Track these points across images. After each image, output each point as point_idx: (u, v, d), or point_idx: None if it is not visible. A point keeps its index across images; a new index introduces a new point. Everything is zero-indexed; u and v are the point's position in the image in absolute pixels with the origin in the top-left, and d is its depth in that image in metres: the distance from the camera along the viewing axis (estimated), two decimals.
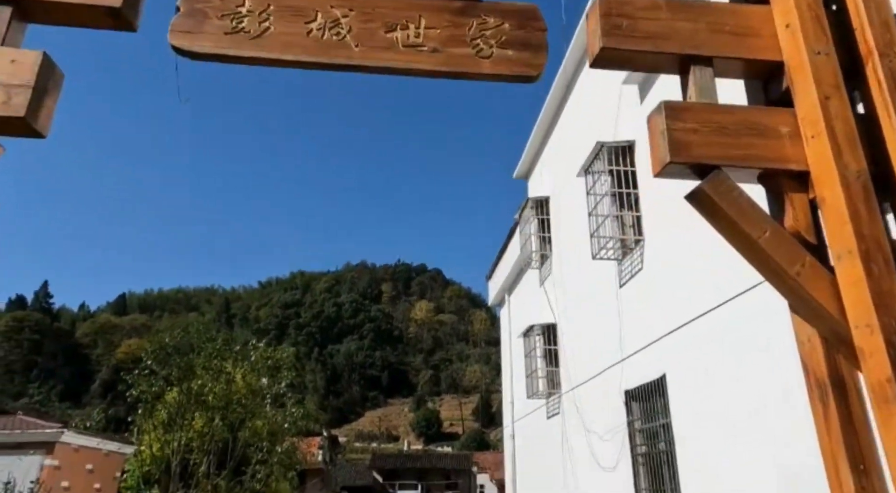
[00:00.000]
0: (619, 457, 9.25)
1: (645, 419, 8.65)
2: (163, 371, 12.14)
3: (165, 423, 11.94)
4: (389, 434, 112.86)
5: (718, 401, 6.76)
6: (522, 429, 15.80)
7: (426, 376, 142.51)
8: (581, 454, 11.11)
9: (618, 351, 9.40)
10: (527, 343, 13.92)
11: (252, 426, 12.07)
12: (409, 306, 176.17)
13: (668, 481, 7.79)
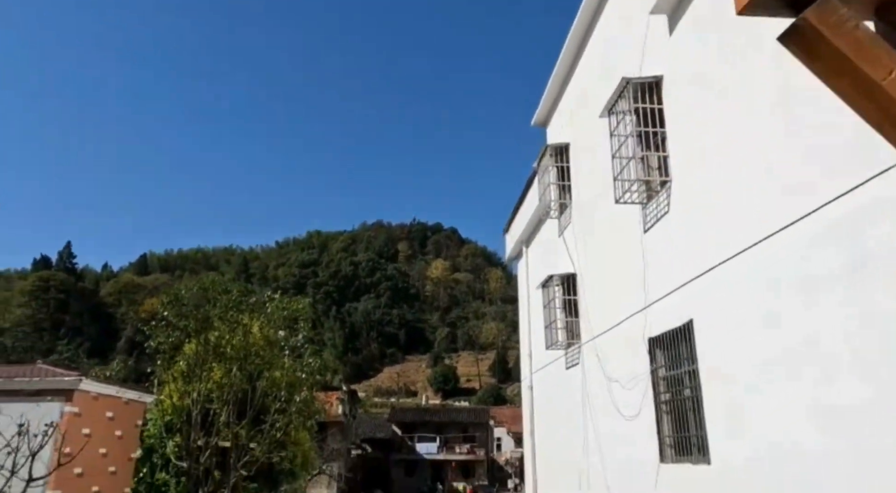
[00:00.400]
0: (642, 405, 9.06)
1: (669, 367, 8.40)
2: (180, 323, 12.10)
3: (185, 374, 11.96)
4: (407, 390, 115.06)
5: (749, 345, 6.47)
6: (541, 380, 15.71)
7: (443, 334, 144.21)
8: (601, 403, 10.96)
9: (641, 298, 9.10)
10: (545, 294, 13.67)
11: (270, 376, 12.06)
12: (425, 264, 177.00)
13: (693, 427, 7.58)
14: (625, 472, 9.78)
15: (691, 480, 7.44)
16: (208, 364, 11.34)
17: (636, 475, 9.21)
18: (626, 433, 9.72)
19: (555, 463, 14.15)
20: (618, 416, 10.04)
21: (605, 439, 10.75)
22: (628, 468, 9.63)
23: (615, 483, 10.13)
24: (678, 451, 8.05)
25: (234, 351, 11.81)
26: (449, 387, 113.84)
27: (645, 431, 9.00)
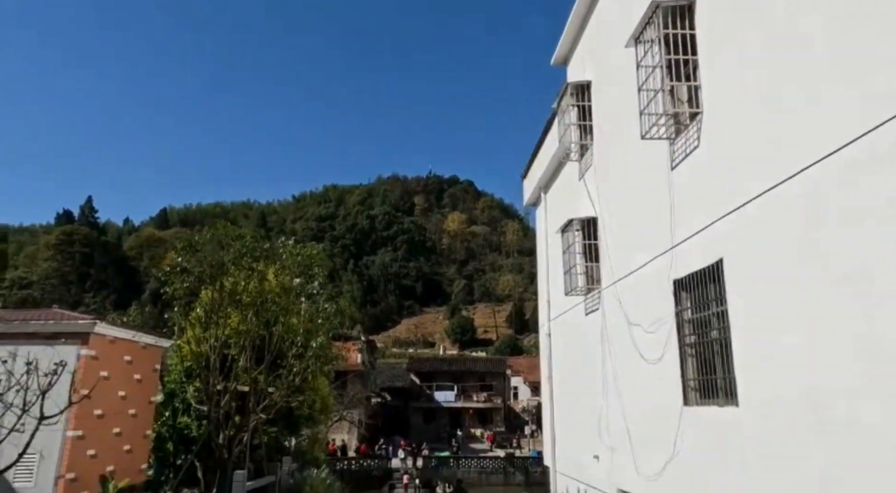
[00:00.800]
0: (665, 349, 8.80)
1: (695, 309, 8.09)
2: (195, 269, 12.00)
3: (202, 320, 11.92)
4: (425, 341, 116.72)
5: (784, 283, 6.11)
6: (559, 327, 15.53)
7: (460, 286, 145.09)
8: (622, 349, 10.74)
9: (667, 239, 8.71)
10: (564, 239, 13.30)
11: (286, 322, 11.99)
12: (441, 217, 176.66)
13: (720, 369, 7.32)
14: (646, 416, 9.62)
15: (717, 422, 7.22)
16: (224, 310, 11.26)
17: (657, 419, 9.04)
18: (648, 377, 9.51)
19: (573, 409, 14.10)
20: (639, 360, 9.82)
21: (626, 383, 10.57)
22: (649, 412, 9.46)
23: (635, 428, 10.00)
24: (703, 394, 7.82)
25: (249, 298, 11.71)
26: (466, 338, 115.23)
27: (667, 374, 8.78)
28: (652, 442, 9.30)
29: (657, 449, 9.05)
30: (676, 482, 8.36)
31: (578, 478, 13.41)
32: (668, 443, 8.59)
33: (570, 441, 14.29)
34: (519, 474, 37.35)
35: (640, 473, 9.63)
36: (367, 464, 36.27)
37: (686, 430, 8.07)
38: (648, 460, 9.36)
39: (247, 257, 11.58)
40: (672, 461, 8.43)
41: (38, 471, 8.39)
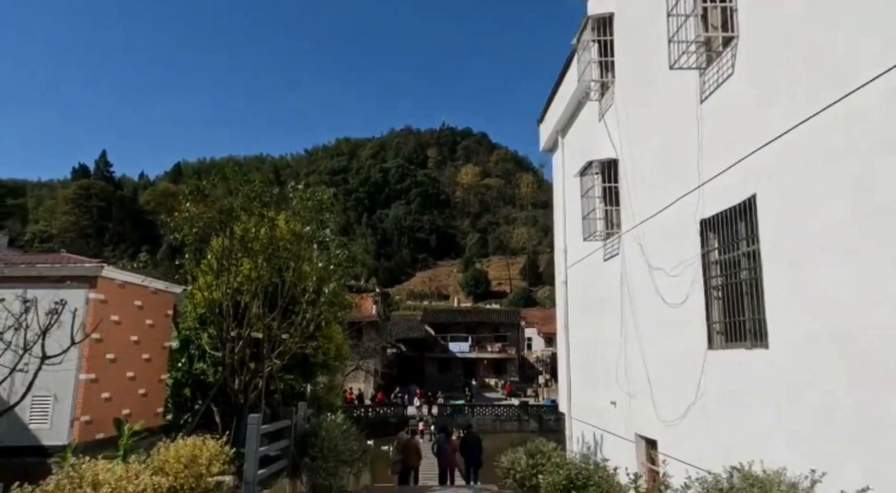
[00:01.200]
0: (690, 291, 8.47)
1: (723, 249, 7.71)
2: (204, 215, 11.74)
3: (214, 268, 11.73)
4: (439, 293, 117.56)
5: (821, 218, 5.70)
6: (576, 275, 15.22)
7: (474, 239, 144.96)
8: (643, 293, 10.43)
9: (694, 177, 8.26)
10: (583, 183, 12.84)
11: (298, 269, 11.78)
12: (455, 170, 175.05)
13: (749, 311, 6.99)
14: (667, 361, 9.38)
15: (745, 365, 6.95)
16: (234, 255, 11.05)
17: (680, 364, 8.80)
18: (670, 322, 9.23)
19: (590, 356, 13.94)
20: (660, 305, 9.52)
21: (646, 329, 10.31)
22: (671, 357, 9.22)
23: (656, 373, 9.79)
24: (729, 337, 7.53)
25: (260, 245, 11.46)
26: (480, 291, 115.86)
27: (691, 318, 8.48)
28: (673, 387, 9.09)
29: (678, 394, 8.85)
30: (698, 426, 8.17)
31: (594, 424, 13.37)
32: (690, 388, 8.37)
33: (586, 388, 14.19)
34: (533, 421, 37.94)
35: (660, 418, 9.47)
36: (383, 412, 37.02)
37: (710, 374, 7.83)
38: (669, 405, 9.18)
39: (256, 203, 11.28)
40: (694, 405, 8.23)
41: (53, 413, 8.43)
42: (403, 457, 15.37)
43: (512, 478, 11.26)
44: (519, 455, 11.39)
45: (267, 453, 10.07)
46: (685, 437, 8.59)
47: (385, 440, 27.70)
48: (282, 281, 11.80)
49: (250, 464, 8.46)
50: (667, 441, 9.28)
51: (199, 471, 5.68)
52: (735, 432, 7.07)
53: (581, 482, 8.33)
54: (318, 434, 10.51)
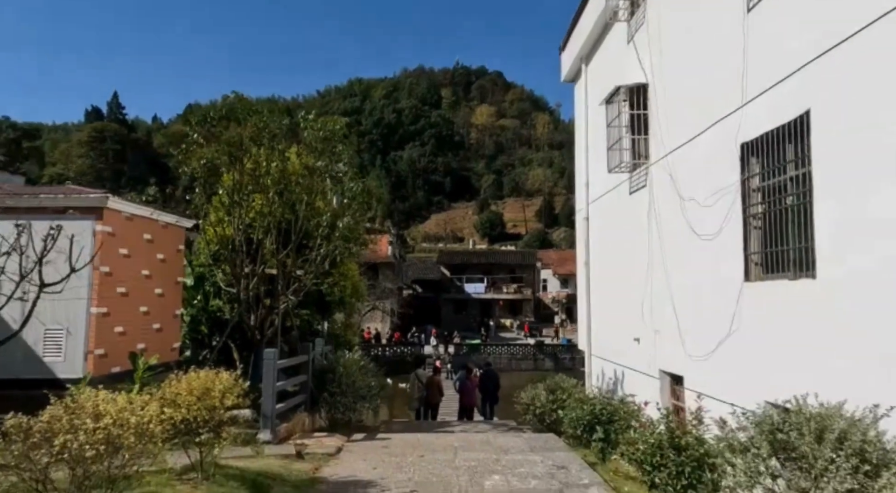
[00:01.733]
0: (725, 222, 7.95)
1: (767, 174, 7.13)
2: (211, 147, 11.27)
3: (227, 205, 11.36)
4: (454, 236, 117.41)
5: (885, 135, 5.09)
6: (599, 210, 14.68)
7: (489, 181, 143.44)
8: (672, 226, 9.92)
9: (736, 96, 7.59)
10: (609, 111, 12.11)
11: (312, 202, 11.38)
12: (469, 110, 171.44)
13: (794, 240, 6.49)
14: (697, 295, 8.97)
15: (787, 297, 6.50)
16: (246, 190, 10.65)
17: (711, 298, 8.39)
18: (701, 254, 8.76)
19: (612, 293, 13.57)
20: (691, 238, 9.02)
21: (674, 263, 9.86)
22: (701, 292, 8.80)
23: (684, 308, 9.39)
24: (768, 268, 7.07)
25: (272, 180, 11.02)
26: (495, 233, 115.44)
27: (725, 250, 8.00)
28: (702, 322, 8.72)
29: (708, 329, 8.48)
30: (730, 361, 7.84)
31: (615, 361, 13.16)
32: (722, 322, 7.99)
33: (608, 325, 13.92)
34: (548, 360, 38.27)
35: (687, 353, 9.15)
36: (400, 351, 37.51)
37: (745, 307, 7.42)
38: (697, 340, 8.84)
39: (266, 134, 10.77)
40: (726, 340, 7.86)
41: (66, 346, 8.32)
42: (426, 394, 15.42)
43: (531, 414, 11.14)
44: (539, 391, 11.23)
45: (285, 387, 9.98)
46: (715, 372, 8.28)
47: (402, 377, 28.05)
48: (295, 216, 11.43)
49: (267, 398, 8.34)
50: (694, 377, 8.99)
51: (212, 404, 5.46)
52: (773, 366, 6.71)
53: (605, 417, 8.11)
54: (335, 370, 10.38)
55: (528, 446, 8.36)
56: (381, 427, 13.04)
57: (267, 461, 7.05)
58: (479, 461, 7.43)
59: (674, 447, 5.50)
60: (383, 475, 6.73)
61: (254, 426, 8.52)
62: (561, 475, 6.76)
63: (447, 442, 8.73)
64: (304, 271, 11.80)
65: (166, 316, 10.40)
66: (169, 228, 10.94)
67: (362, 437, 9.24)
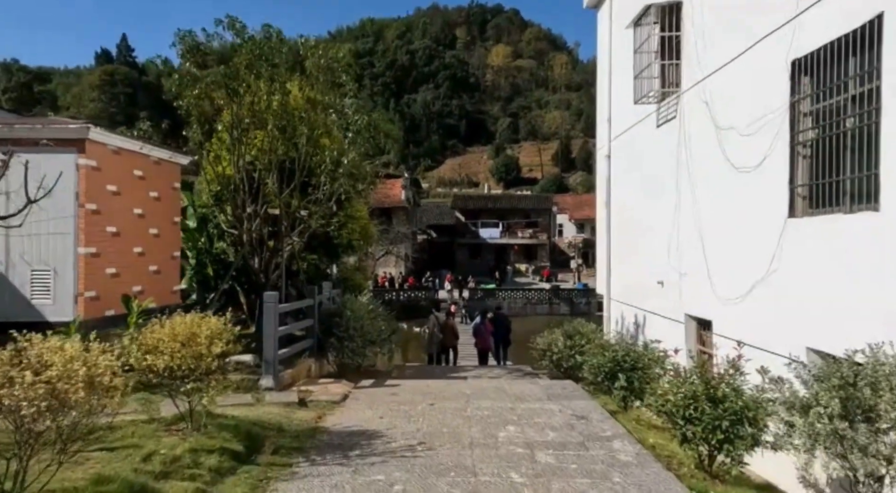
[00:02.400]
0: (768, 152, 7.13)
1: (821, 95, 6.25)
2: (206, 77, 10.51)
3: (227, 143, 10.66)
4: (469, 181, 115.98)
5: None
6: (621, 147, 13.78)
7: (504, 124, 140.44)
8: (705, 160, 9.09)
9: (789, 5, 6.61)
10: (637, 35, 11.05)
11: (315, 138, 10.65)
12: (485, 51, 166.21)
13: (852, 168, 5.70)
14: (731, 234, 8.24)
15: (841, 233, 5.77)
16: (243, 124, 9.93)
17: (748, 236, 7.67)
18: (738, 189, 7.98)
19: (634, 235, 12.85)
20: (727, 171, 8.21)
21: (706, 200, 9.08)
22: (736, 230, 8.06)
23: (716, 248, 8.68)
24: (817, 201, 6.31)
25: (273, 114, 10.27)
26: (511, 177, 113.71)
27: (767, 183, 7.22)
28: (736, 262, 8.03)
29: (743, 270, 7.80)
30: (766, 305, 7.18)
31: (636, 304, 12.57)
32: (759, 262, 7.30)
33: (629, 268, 13.27)
34: (564, 304, 37.93)
35: (717, 297, 8.50)
36: (414, 295, 37.35)
37: (787, 246, 6.70)
38: (730, 282, 8.17)
39: (263, 63, 9.94)
40: (764, 280, 7.19)
41: (55, 288, 7.88)
42: (442, 337, 15.11)
43: (548, 359, 10.67)
44: (556, 337, 10.72)
45: (290, 332, 9.56)
46: (748, 316, 7.66)
47: (416, 322, 27.90)
48: (298, 153, 10.73)
49: (268, 343, 7.90)
50: (724, 321, 8.37)
51: (198, 351, 4.95)
52: (820, 310, 6.04)
53: (628, 364, 7.56)
54: (342, 314, 9.91)
55: (545, 393, 7.88)
56: (393, 372, 12.72)
57: (267, 409, 6.64)
58: (493, 410, 6.96)
59: (710, 398, 4.93)
60: (390, 425, 6.29)
61: (256, 372, 8.12)
62: (581, 426, 6.26)
63: (459, 390, 8.28)
64: (308, 212, 11.20)
65: (164, 258, 9.89)
66: (162, 164, 10.28)
67: (370, 383, 8.83)
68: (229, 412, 6.25)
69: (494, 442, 5.64)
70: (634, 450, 5.48)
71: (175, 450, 4.60)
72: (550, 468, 4.94)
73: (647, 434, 6.76)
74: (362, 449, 5.44)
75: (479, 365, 15.20)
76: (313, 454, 5.27)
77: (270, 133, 9.95)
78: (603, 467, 5.00)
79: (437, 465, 5.00)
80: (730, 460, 4.97)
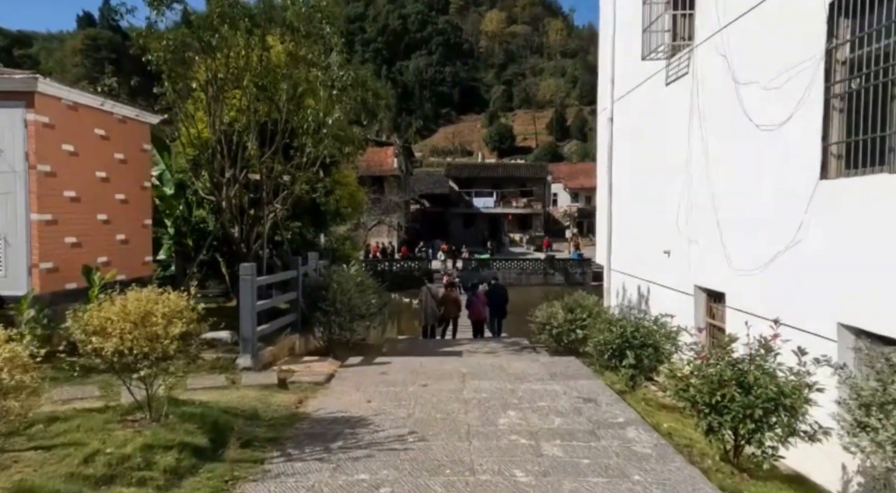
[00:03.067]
0: (797, 107, 6.41)
1: (862, 41, 5.51)
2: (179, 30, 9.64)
3: (205, 102, 9.81)
4: (463, 150, 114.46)
5: None
6: (625, 108, 13.00)
7: (498, 92, 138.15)
8: (721, 118, 8.36)
9: None
10: None
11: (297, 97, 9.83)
12: (479, 16, 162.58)
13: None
14: (750, 199, 7.57)
15: (883, 194, 5.10)
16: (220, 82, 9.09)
17: (770, 201, 7.01)
18: (759, 150, 7.28)
19: (638, 202, 12.17)
20: (746, 130, 7.49)
21: (723, 162, 8.38)
22: (756, 194, 7.39)
23: (732, 214, 8.01)
24: (854, 161, 5.63)
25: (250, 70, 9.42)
26: (505, 146, 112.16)
27: (794, 141, 6.53)
28: (755, 230, 7.38)
29: (763, 238, 7.16)
30: (790, 275, 6.56)
31: (639, 275, 11.97)
32: (783, 229, 6.64)
33: (632, 237, 12.62)
34: (559, 274, 37.43)
35: (732, 267, 7.87)
36: (407, 266, 36.71)
37: (817, 211, 6.04)
38: (748, 251, 7.54)
39: (238, 11, 9.05)
40: (789, 249, 6.54)
41: (5, 259, 7.12)
42: (444, 310, 14.59)
43: (547, 333, 10.07)
44: (556, 310, 10.11)
45: (274, 305, 8.91)
46: (768, 289, 7.04)
47: (410, 293, 27.33)
48: (280, 113, 9.93)
49: (246, 319, 7.24)
50: (740, 294, 7.77)
51: (153, 332, 4.27)
52: (857, 281, 5.41)
53: (638, 340, 6.95)
54: (329, 287, 9.24)
55: (547, 372, 7.29)
56: (385, 346, 12.13)
57: (242, 392, 6.01)
58: (492, 391, 6.36)
59: (740, 384, 4.32)
60: (378, 410, 5.68)
61: (235, 350, 7.47)
62: (589, 410, 5.67)
63: (454, 368, 7.68)
64: (291, 177, 10.44)
65: (133, 226, 9.10)
66: (128, 123, 9.41)
67: (359, 361, 8.21)
68: (198, 397, 5.61)
69: (494, 431, 5.04)
70: (651, 440, 4.89)
71: (125, 447, 3.96)
72: (559, 463, 4.34)
73: (660, 417, 6.20)
74: (346, 440, 4.83)
75: (475, 337, 14.65)
76: (290, 447, 4.66)
77: (248, 90, 9.12)
78: (619, 461, 4.41)
79: (430, 460, 4.39)
80: (761, 452, 4.38)
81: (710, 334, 9.38)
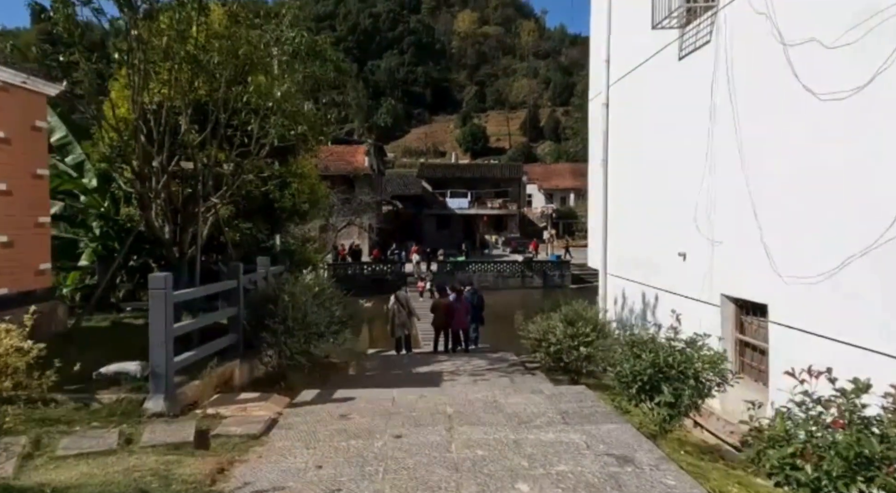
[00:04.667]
0: (884, 65, 4.88)
1: None
2: None
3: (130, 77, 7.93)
4: (436, 150, 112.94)
5: None
6: (624, 92, 11.46)
7: (471, 92, 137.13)
8: (761, 91, 6.84)
9: None
10: None
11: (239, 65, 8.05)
12: (450, 17, 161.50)
13: None
14: (803, 188, 6.03)
15: None
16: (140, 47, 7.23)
17: (844, 187, 5.48)
18: (821, 124, 5.75)
19: (642, 197, 10.63)
20: (801, 100, 5.96)
21: (760, 145, 6.85)
22: (813, 181, 5.86)
23: (778, 208, 6.46)
24: None
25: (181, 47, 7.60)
26: (478, 147, 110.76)
27: (877, 110, 5.02)
28: (814, 227, 5.86)
29: (826, 237, 5.64)
30: (873, 284, 5.03)
31: (644, 281, 10.41)
32: (863, 224, 5.12)
33: (633, 238, 11.08)
34: (537, 277, 35.94)
35: (778, 272, 6.33)
36: (379, 269, 34.79)
37: None
38: (801, 254, 6.01)
39: None
40: (871, 251, 5.01)
41: None
42: (437, 321, 12.97)
43: (544, 351, 8.42)
44: (553, 323, 8.47)
45: (204, 325, 7.11)
46: (835, 302, 5.52)
47: (382, 298, 25.44)
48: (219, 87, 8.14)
49: (157, 348, 5.41)
50: (790, 306, 6.23)
51: None
52: None
53: (674, 371, 5.33)
54: (277, 301, 7.43)
55: (556, 410, 5.62)
56: (351, 366, 10.37)
57: (135, 460, 4.19)
58: (489, 446, 4.67)
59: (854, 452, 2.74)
60: (331, 486, 3.93)
61: (145, 388, 5.61)
62: (629, 479, 4.01)
63: (436, 404, 5.96)
64: (235, 166, 8.63)
65: (21, 225, 7.10)
66: (13, 92, 7.44)
67: (313, 396, 6.43)
68: (63, 473, 3.80)
69: None
70: None
71: None
72: None
73: (710, 472, 4.59)
74: None
75: (454, 350, 12.98)
76: None
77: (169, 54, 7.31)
78: None
79: None
80: None
81: (739, 352, 7.90)
